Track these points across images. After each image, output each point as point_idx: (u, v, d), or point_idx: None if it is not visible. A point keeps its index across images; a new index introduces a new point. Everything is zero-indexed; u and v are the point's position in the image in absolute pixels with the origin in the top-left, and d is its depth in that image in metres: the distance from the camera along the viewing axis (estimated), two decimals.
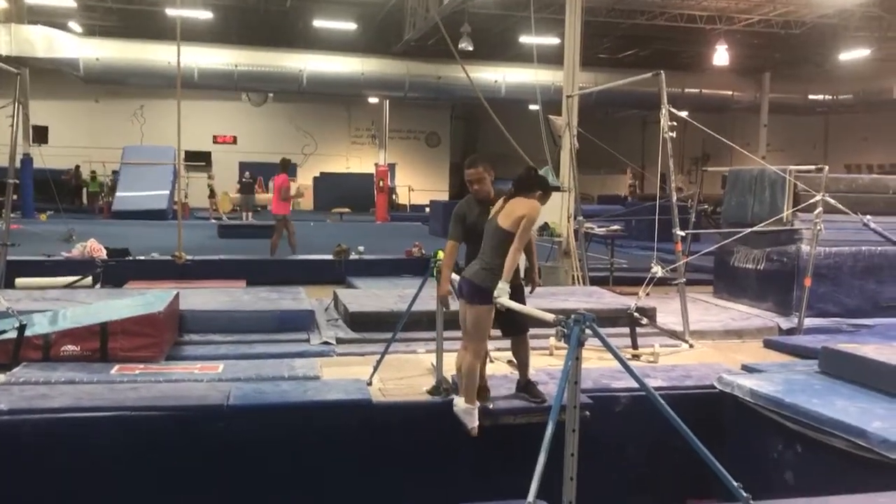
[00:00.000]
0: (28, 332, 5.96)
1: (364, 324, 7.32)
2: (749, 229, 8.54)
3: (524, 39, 22.95)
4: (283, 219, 13.51)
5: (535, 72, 14.69)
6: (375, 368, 5.73)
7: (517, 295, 4.93)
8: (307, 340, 7.02)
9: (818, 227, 7.90)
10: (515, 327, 5.01)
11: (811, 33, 23.24)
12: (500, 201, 4.87)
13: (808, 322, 7.95)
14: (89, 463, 4.68)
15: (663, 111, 7.69)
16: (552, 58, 16.32)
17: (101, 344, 6.03)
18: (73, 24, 24.19)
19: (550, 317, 3.64)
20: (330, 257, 12.45)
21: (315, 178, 32.66)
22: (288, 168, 14.00)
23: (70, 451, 4.66)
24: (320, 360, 6.36)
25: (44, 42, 21.61)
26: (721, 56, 22.89)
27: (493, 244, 4.73)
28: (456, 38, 19.05)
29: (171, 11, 20.80)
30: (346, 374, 5.92)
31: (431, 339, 6.07)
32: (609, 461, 5.24)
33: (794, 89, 28.38)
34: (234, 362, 6.16)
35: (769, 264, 8.71)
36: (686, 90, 25.46)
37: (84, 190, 28.93)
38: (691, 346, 7.33)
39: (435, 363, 5.60)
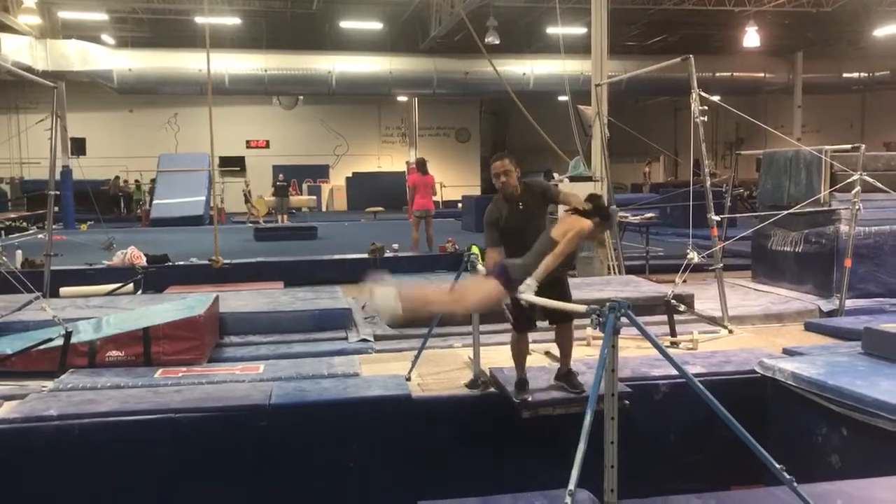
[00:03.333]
0: (74, 340, 6.11)
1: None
2: (786, 212, 8.44)
3: (551, 30, 22.82)
4: (428, 214, 13.82)
5: (563, 62, 14.59)
6: (413, 364, 5.78)
7: (559, 285, 4.92)
8: (345, 338, 7.10)
9: (857, 207, 7.78)
10: (561, 314, 4.99)
11: (844, 11, 22.79)
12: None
13: (850, 303, 7.84)
14: (137, 464, 4.79)
15: (694, 96, 7.62)
16: (580, 47, 16.23)
17: (145, 348, 6.16)
18: (105, 37, 24.60)
19: (582, 308, 3.63)
20: (365, 256, 12.53)
21: (347, 179, 32.85)
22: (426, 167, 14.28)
23: (117, 454, 4.77)
24: (359, 357, 6.43)
25: (78, 55, 22.01)
26: (751, 38, 22.55)
27: (539, 251, 4.67)
28: (482, 33, 19.03)
29: (199, 19, 21.05)
30: (384, 370, 5.97)
31: (468, 334, 6.11)
32: (651, 449, 5.23)
33: (828, 68, 27.86)
34: (274, 362, 6.25)
35: (807, 246, 8.59)
36: (717, 74, 25.13)
37: (122, 199, 29.42)
38: (731, 331, 7.27)
39: (472, 357, 5.63)
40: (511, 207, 4.97)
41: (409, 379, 5.60)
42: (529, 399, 4.93)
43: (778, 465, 3.28)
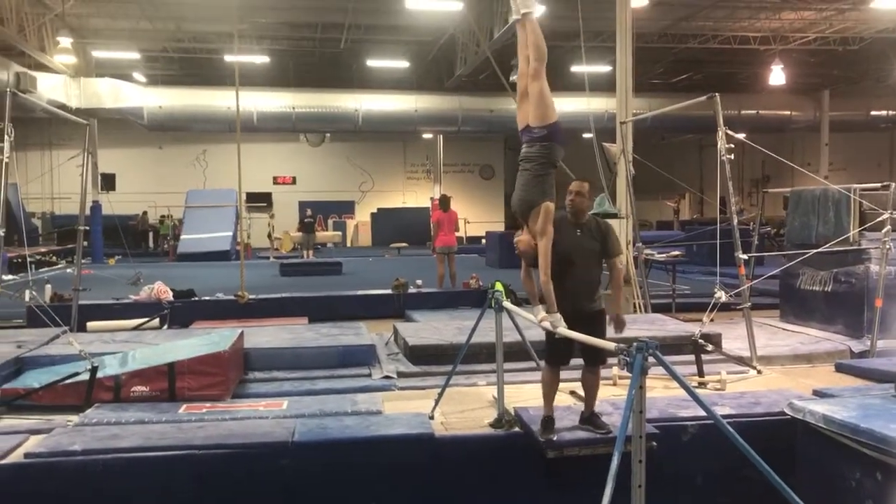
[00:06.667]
0: (100, 374, 6.14)
1: (424, 357, 7.34)
2: (814, 250, 8.34)
3: (576, 69, 22.96)
4: (451, 250, 13.86)
5: (587, 100, 14.66)
6: (437, 402, 5.73)
7: (596, 324, 4.90)
8: (369, 375, 7.07)
9: (887, 246, 7.67)
10: (594, 356, 4.97)
11: (871, 48, 22.74)
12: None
13: (881, 344, 7.69)
14: (159, 501, 4.78)
15: (720, 134, 7.60)
16: (605, 85, 16.32)
17: (170, 384, 6.17)
18: (137, 75, 25.12)
19: (612, 345, 3.60)
20: (389, 291, 12.53)
21: (372, 214, 33.04)
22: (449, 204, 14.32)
23: (141, 490, 4.76)
24: (382, 395, 6.40)
25: (110, 93, 22.49)
26: (777, 76, 22.54)
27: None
28: (507, 71, 19.17)
29: (229, 58, 21.46)
30: (407, 408, 5.93)
31: (492, 372, 6.06)
32: (678, 492, 5.12)
33: (855, 106, 27.70)
34: (297, 398, 6.24)
35: (837, 286, 8.47)
36: (743, 112, 25.09)
37: (150, 234, 29.76)
38: (759, 372, 7.15)
39: (496, 395, 5.57)
40: (569, 228, 5.02)
41: (432, 417, 5.55)
42: (555, 439, 4.87)
43: None
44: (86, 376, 6.11)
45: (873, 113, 27.89)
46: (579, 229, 5.02)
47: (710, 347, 7.14)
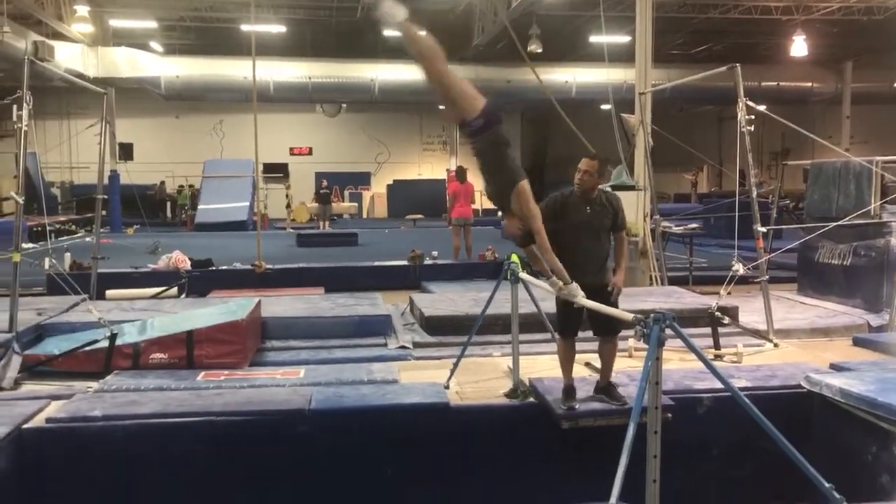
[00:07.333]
0: (119, 342, 6.21)
1: (440, 328, 7.36)
2: (834, 223, 8.26)
3: (594, 39, 22.73)
4: (467, 222, 13.84)
5: (606, 71, 14.52)
6: (452, 372, 5.76)
7: (605, 295, 4.90)
8: (385, 345, 7.11)
9: None
10: (608, 327, 4.97)
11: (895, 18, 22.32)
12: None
13: None
14: (177, 466, 4.84)
15: (740, 105, 7.50)
16: (623, 56, 16.15)
17: (188, 351, 6.23)
18: (154, 44, 25.11)
19: (629, 316, 3.60)
20: (405, 263, 12.56)
21: (388, 186, 33.04)
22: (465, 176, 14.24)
23: (159, 455, 4.83)
24: (398, 364, 6.43)
25: (128, 62, 22.52)
26: (799, 47, 22.20)
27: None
28: (525, 41, 19.01)
29: (246, 27, 21.36)
30: (423, 377, 5.96)
31: (507, 342, 6.07)
32: (693, 463, 5.14)
33: (878, 78, 27.23)
34: (314, 367, 6.28)
35: (856, 259, 8.40)
36: (763, 83, 24.73)
37: (168, 204, 29.90)
38: (776, 345, 7.13)
39: (511, 366, 5.59)
40: (578, 204, 5.00)
41: (447, 387, 5.58)
42: (577, 406, 4.89)
43: (827, 485, 3.20)
44: (105, 343, 6.18)
45: None
46: (588, 206, 4.99)
47: (726, 320, 7.11)
